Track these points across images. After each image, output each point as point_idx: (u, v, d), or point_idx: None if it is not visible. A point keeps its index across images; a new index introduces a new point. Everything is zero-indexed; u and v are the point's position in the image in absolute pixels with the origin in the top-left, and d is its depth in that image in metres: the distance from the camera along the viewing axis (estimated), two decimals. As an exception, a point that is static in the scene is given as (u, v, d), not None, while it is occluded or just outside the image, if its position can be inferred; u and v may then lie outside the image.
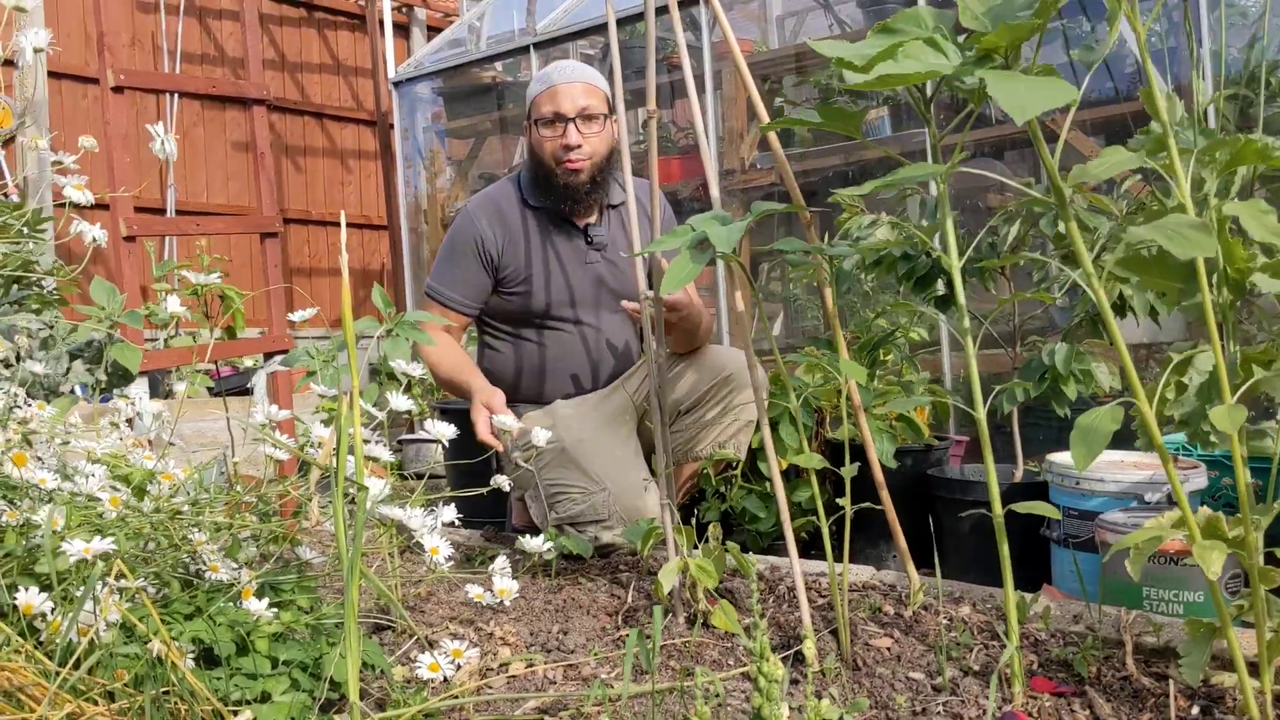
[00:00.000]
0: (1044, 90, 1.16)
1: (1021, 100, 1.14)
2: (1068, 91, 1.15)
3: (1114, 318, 2.30)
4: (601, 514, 2.39)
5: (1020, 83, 1.18)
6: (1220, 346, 1.29)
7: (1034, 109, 1.13)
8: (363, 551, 1.50)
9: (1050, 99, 1.15)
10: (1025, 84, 1.18)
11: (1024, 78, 1.20)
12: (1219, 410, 1.23)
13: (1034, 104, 1.13)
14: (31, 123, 5.28)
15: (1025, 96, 1.14)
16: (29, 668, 1.16)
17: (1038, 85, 1.17)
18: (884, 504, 1.88)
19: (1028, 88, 1.16)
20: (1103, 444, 1.27)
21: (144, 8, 6.56)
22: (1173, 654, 1.59)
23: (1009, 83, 1.18)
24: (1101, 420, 1.26)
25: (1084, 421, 1.29)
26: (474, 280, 2.64)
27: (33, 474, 1.40)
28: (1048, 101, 1.15)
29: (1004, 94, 1.16)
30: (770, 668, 1.07)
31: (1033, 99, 1.14)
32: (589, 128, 2.54)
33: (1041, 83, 1.18)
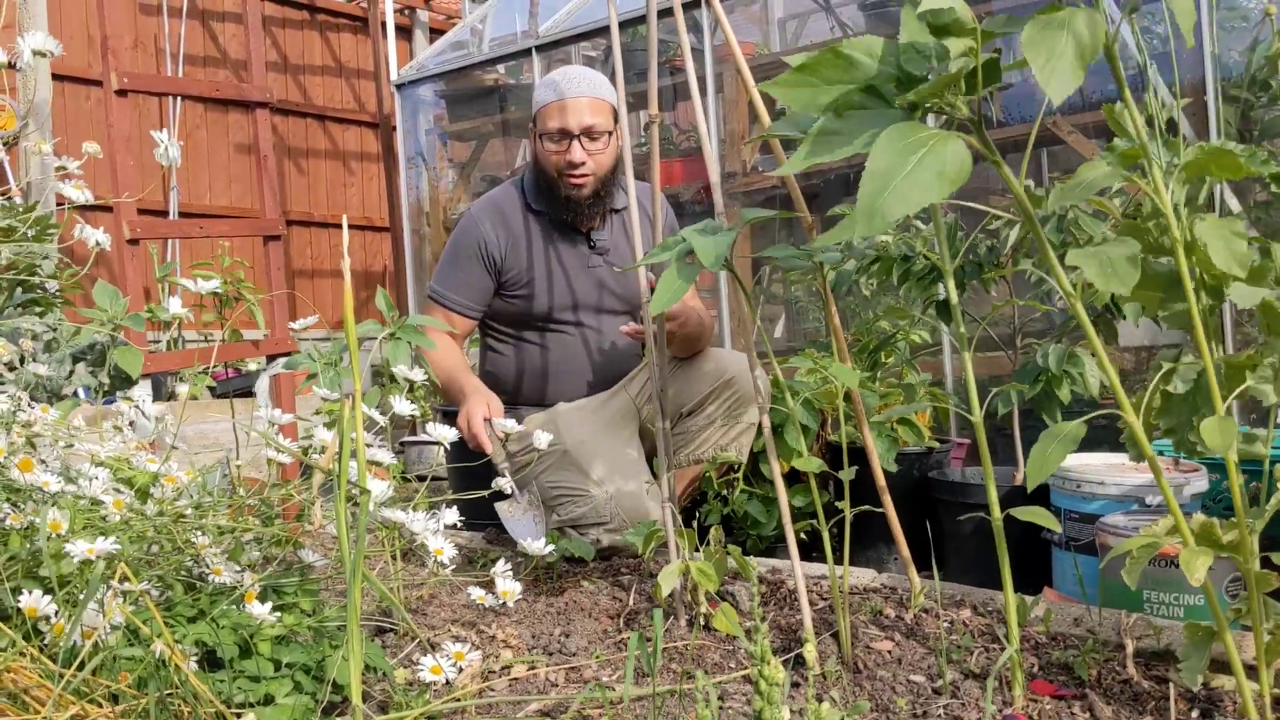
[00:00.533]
0: (917, 182, 1.11)
1: (879, 203, 1.11)
2: (947, 177, 1.11)
3: (1111, 321, 2.32)
4: (603, 516, 2.40)
5: (896, 167, 1.13)
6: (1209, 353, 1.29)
7: (882, 220, 1.11)
8: (365, 554, 1.50)
9: (920, 197, 1.11)
10: (902, 171, 1.12)
11: (908, 152, 1.13)
12: (1209, 423, 1.23)
13: (890, 207, 1.11)
14: (35, 125, 5.30)
15: (885, 197, 1.11)
16: (33, 670, 1.16)
17: (917, 173, 1.12)
18: (885, 507, 1.89)
19: (905, 176, 1.12)
20: (1053, 467, 1.27)
21: (147, 10, 6.57)
22: (1173, 657, 1.60)
23: (885, 161, 1.13)
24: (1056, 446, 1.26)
25: (1048, 434, 1.29)
26: (477, 284, 2.64)
27: (36, 477, 1.40)
28: (915, 203, 1.11)
29: (867, 189, 1.12)
30: (771, 671, 1.08)
31: (894, 200, 1.11)
32: (593, 145, 2.54)
33: (925, 167, 1.12)
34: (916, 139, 1.14)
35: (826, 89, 1.27)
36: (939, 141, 1.13)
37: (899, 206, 1.11)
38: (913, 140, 1.13)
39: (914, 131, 1.15)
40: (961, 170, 1.12)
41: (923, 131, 1.15)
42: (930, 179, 1.11)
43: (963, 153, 1.13)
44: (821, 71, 1.27)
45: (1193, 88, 3.14)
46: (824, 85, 1.27)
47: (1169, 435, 1.48)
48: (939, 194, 1.11)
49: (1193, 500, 2.16)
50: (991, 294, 2.72)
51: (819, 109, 1.27)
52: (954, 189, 1.12)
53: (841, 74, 1.26)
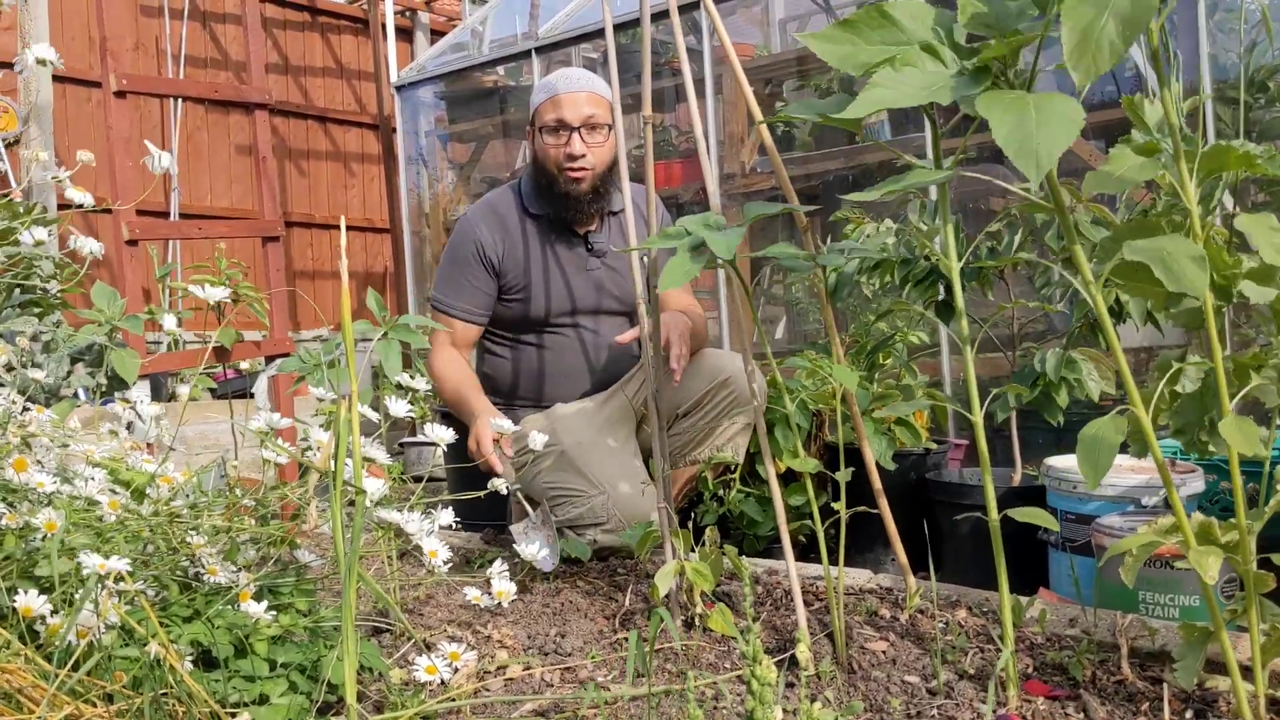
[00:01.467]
0: (1055, 126, 1.08)
1: (1034, 145, 1.07)
2: (1075, 121, 1.09)
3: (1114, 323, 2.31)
4: (600, 517, 2.40)
5: (1028, 115, 1.10)
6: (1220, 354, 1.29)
7: (1048, 158, 1.07)
8: (361, 555, 1.51)
9: (1065, 135, 1.08)
10: (1035, 118, 1.09)
11: (1030, 105, 1.11)
12: (1228, 423, 1.23)
13: (1048, 149, 1.07)
14: (36, 127, 5.30)
15: (1038, 139, 1.07)
16: (28, 670, 1.17)
17: (1048, 119, 1.09)
18: (880, 508, 1.89)
19: (1038, 123, 1.09)
20: (1111, 457, 1.24)
21: (147, 12, 6.58)
22: (1168, 658, 1.60)
23: (1013, 114, 1.10)
24: (1105, 432, 1.25)
25: (1088, 433, 1.27)
26: (480, 288, 2.64)
27: (32, 477, 1.40)
28: (1063, 140, 1.08)
29: (1011, 137, 1.09)
30: (763, 671, 1.08)
31: (1047, 141, 1.07)
32: (593, 138, 2.55)
33: (1052, 114, 1.10)
34: (1017, 98, 1.13)
35: (865, 47, 1.28)
36: (1043, 99, 1.14)
37: (1054, 148, 1.09)
38: (1016, 99, 1.13)
39: (1008, 95, 1.14)
40: (1080, 118, 1.11)
41: (1015, 94, 1.15)
42: (1062, 125, 1.10)
43: (1076, 106, 1.13)
44: (863, 29, 1.28)
45: (1189, 89, 3.15)
46: (864, 44, 1.28)
47: (1178, 435, 1.48)
48: (1074, 134, 1.09)
49: (1189, 501, 2.16)
50: (991, 296, 2.72)
51: (856, 66, 1.28)
52: (1078, 133, 1.10)
53: (883, 34, 1.27)
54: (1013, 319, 2.77)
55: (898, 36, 1.28)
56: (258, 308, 4.02)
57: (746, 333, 1.93)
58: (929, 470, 2.81)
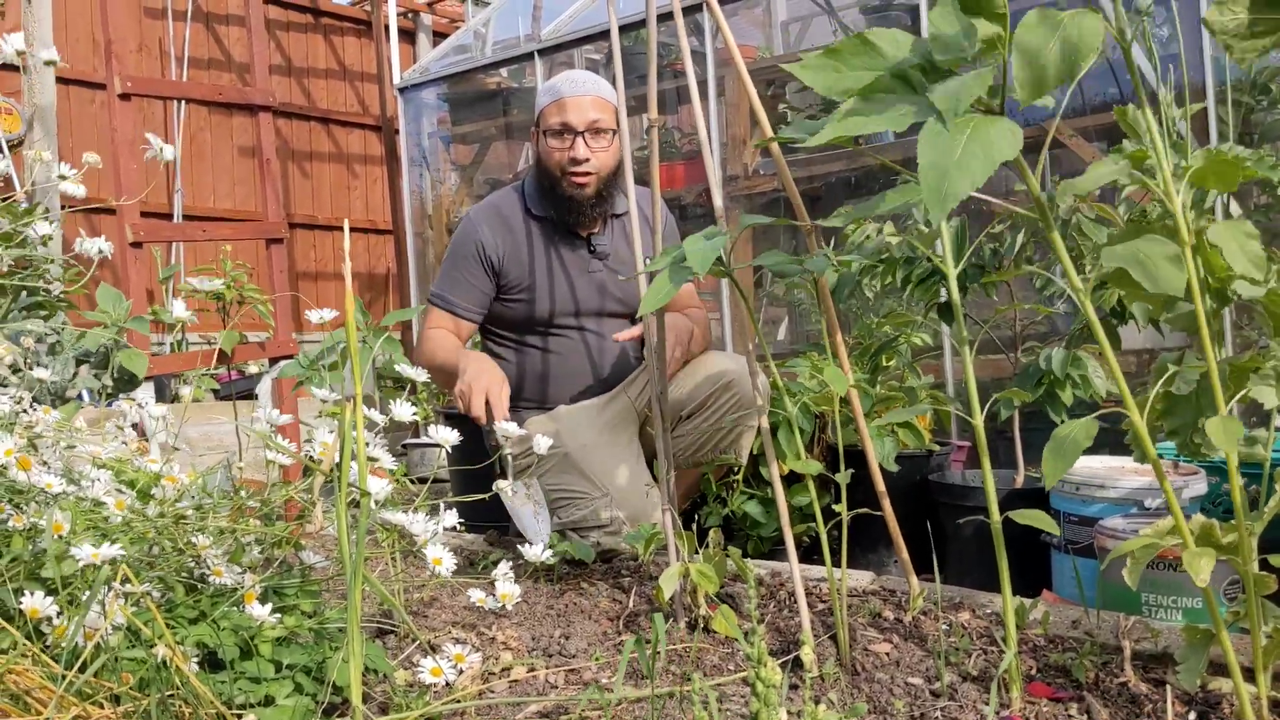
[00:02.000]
0: (972, 163, 1.09)
1: (943, 186, 1.09)
2: (995, 158, 1.09)
3: (1114, 325, 2.32)
4: (604, 519, 2.40)
5: (951, 152, 1.11)
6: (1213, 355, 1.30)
7: (952, 200, 1.08)
8: (366, 556, 1.51)
9: (982, 171, 1.09)
10: (955, 157, 1.10)
11: (956, 142, 1.11)
12: (1214, 423, 1.24)
13: (955, 188, 1.09)
14: (40, 128, 5.31)
15: (949, 181, 1.09)
16: (35, 671, 1.17)
17: (968, 158, 1.09)
18: (884, 509, 1.89)
19: (957, 162, 1.09)
20: (1074, 458, 1.27)
21: (151, 14, 6.59)
22: (1171, 660, 1.60)
23: (934, 151, 1.11)
24: (1075, 433, 1.27)
25: (1060, 433, 1.29)
26: (477, 285, 2.65)
27: (39, 478, 1.41)
28: (979, 176, 1.09)
29: (927, 175, 1.10)
30: (768, 673, 1.08)
31: (956, 179, 1.09)
32: (597, 142, 2.55)
33: (973, 153, 1.10)
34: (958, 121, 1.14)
35: (850, 73, 1.29)
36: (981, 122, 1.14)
37: (964, 185, 1.10)
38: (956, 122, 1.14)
39: (934, 128, 1.15)
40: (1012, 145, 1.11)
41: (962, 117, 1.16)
42: (982, 155, 1.11)
43: (1011, 128, 1.13)
44: (846, 57, 1.30)
45: (1193, 91, 3.15)
46: (847, 70, 1.29)
47: (1173, 437, 1.48)
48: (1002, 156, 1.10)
49: (1191, 503, 2.16)
50: (994, 298, 2.72)
51: (841, 93, 1.29)
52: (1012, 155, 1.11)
53: (865, 60, 1.28)
54: (1015, 320, 2.78)
55: (878, 63, 1.29)
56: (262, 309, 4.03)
57: (749, 335, 1.93)
58: (932, 472, 2.82)
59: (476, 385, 2.35)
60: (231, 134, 6.93)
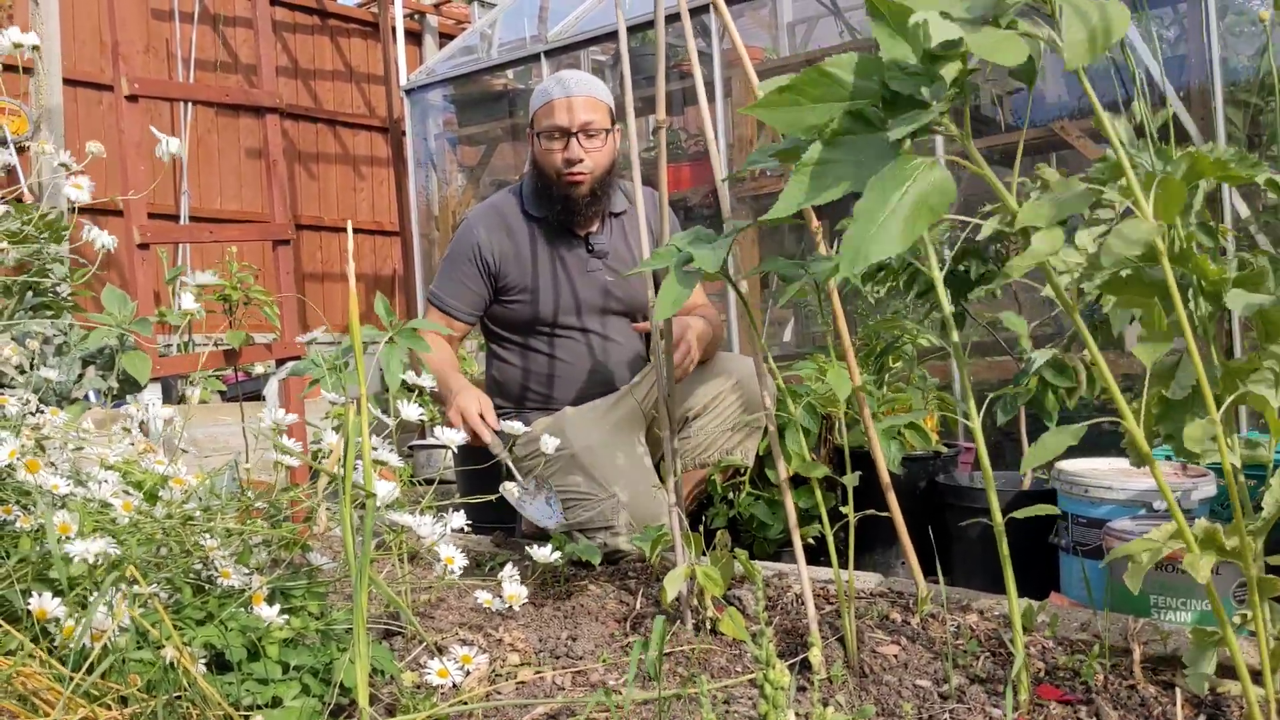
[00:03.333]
0: (890, 227, 1.11)
1: (858, 245, 1.11)
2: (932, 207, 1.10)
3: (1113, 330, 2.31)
4: (610, 520, 2.40)
5: (875, 216, 1.12)
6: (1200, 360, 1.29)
7: (864, 259, 1.10)
8: (372, 558, 1.51)
9: (901, 239, 1.10)
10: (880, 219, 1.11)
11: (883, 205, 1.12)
12: (1191, 426, 1.24)
13: (868, 252, 1.11)
14: (47, 130, 5.32)
15: (865, 239, 1.11)
16: (43, 672, 1.17)
17: (889, 220, 1.11)
18: (891, 511, 1.89)
19: (880, 224, 1.11)
20: (1052, 455, 1.28)
21: (159, 15, 6.60)
22: (1179, 662, 1.59)
23: (862, 217, 1.12)
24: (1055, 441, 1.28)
25: (1044, 439, 1.31)
26: (472, 288, 2.66)
27: (46, 479, 1.41)
28: (897, 244, 1.10)
29: (849, 240, 1.12)
30: (776, 675, 1.08)
31: (873, 243, 1.11)
32: (591, 143, 2.56)
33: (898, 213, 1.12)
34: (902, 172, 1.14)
35: (812, 108, 1.22)
36: (924, 170, 1.13)
37: (879, 248, 1.11)
38: (898, 174, 1.13)
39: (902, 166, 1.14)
40: (943, 200, 1.11)
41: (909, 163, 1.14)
42: (911, 214, 1.11)
43: (944, 183, 1.12)
44: (807, 91, 1.22)
45: (1200, 92, 3.14)
46: (810, 104, 1.22)
47: (1168, 441, 1.48)
48: (919, 230, 1.11)
49: (1200, 505, 2.15)
50: (999, 298, 2.72)
51: (804, 130, 1.23)
52: (935, 218, 1.11)
53: (827, 92, 1.22)
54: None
55: (839, 93, 1.23)
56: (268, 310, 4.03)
57: (755, 337, 1.93)
58: (939, 473, 2.81)
59: (454, 415, 2.41)
60: (238, 135, 6.94)
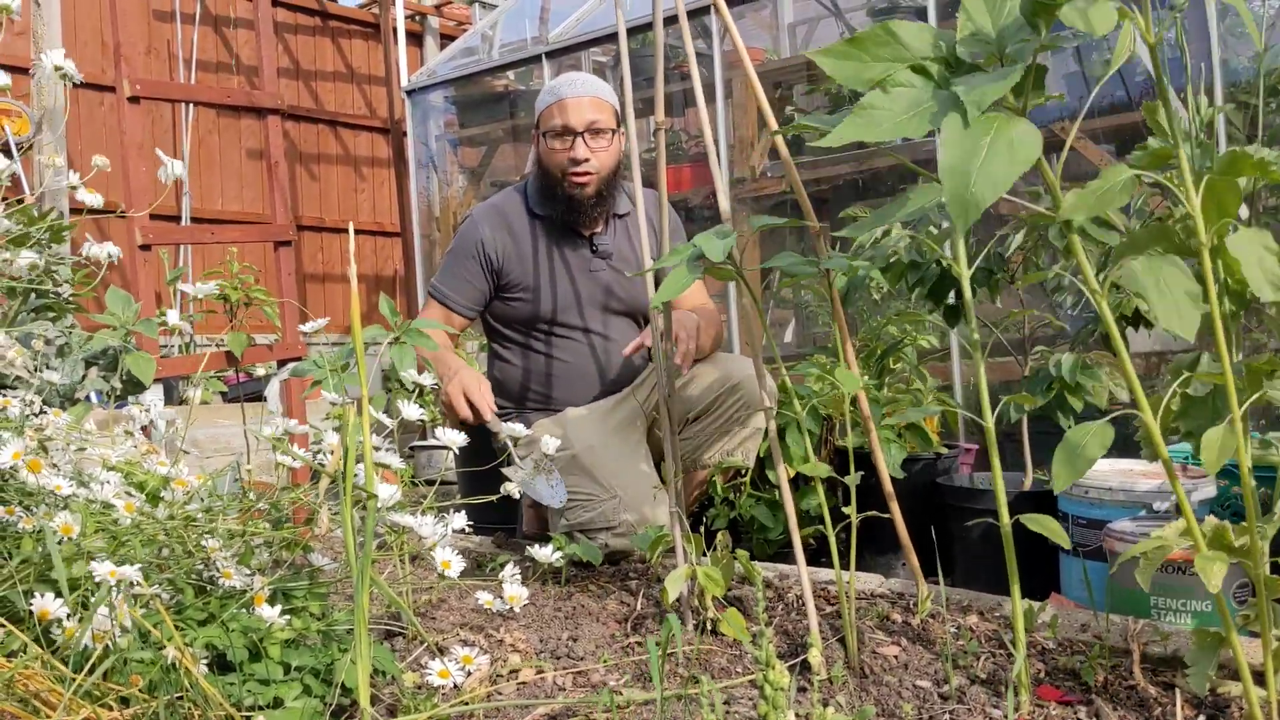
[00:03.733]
0: (996, 169, 1.13)
1: (966, 188, 1.12)
2: (1032, 147, 1.13)
3: (1127, 329, 2.31)
4: (611, 521, 2.40)
5: (976, 154, 1.13)
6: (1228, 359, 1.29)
7: (977, 208, 1.11)
8: (373, 558, 1.51)
9: (1006, 178, 1.12)
10: (982, 157, 1.13)
11: (982, 145, 1.14)
12: (1210, 434, 1.24)
13: (980, 197, 1.12)
14: (49, 131, 5.33)
15: (975, 185, 1.13)
16: (45, 673, 1.17)
17: (992, 160, 1.13)
18: (892, 512, 1.89)
19: (981, 166, 1.13)
20: (1087, 466, 1.27)
21: (160, 17, 6.61)
22: (1180, 663, 1.59)
23: (959, 151, 1.14)
24: (1089, 441, 1.26)
25: (1072, 438, 1.29)
26: (474, 283, 2.67)
27: (48, 480, 1.41)
28: (1002, 185, 1.12)
29: (950, 177, 1.14)
30: (776, 675, 1.08)
31: (983, 187, 1.12)
32: (597, 142, 2.56)
33: (996, 154, 1.14)
34: (982, 121, 1.15)
35: (873, 64, 1.29)
36: (1003, 123, 1.14)
37: (988, 192, 1.11)
38: (979, 124, 1.14)
39: (983, 116, 1.16)
40: (1034, 148, 1.12)
41: (989, 115, 1.16)
42: (1008, 158, 1.12)
43: (1031, 131, 1.14)
44: (870, 47, 1.29)
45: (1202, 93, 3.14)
46: (871, 61, 1.29)
47: (1189, 439, 1.48)
48: (1021, 169, 1.11)
49: (1200, 506, 2.15)
50: (998, 303, 2.72)
51: (864, 83, 1.29)
52: (1029, 165, 1.12)
53: (890, 50, 1.28)
54: (1024, 323, 2.77)
55: (901, 54, 1.29)
56: (270, 311, 4.03)
57: (756, 337, 1.93)
58: (940, 475, 2.81)
59: (454, 390, 2.41)
60: (240, 137, 6.94)
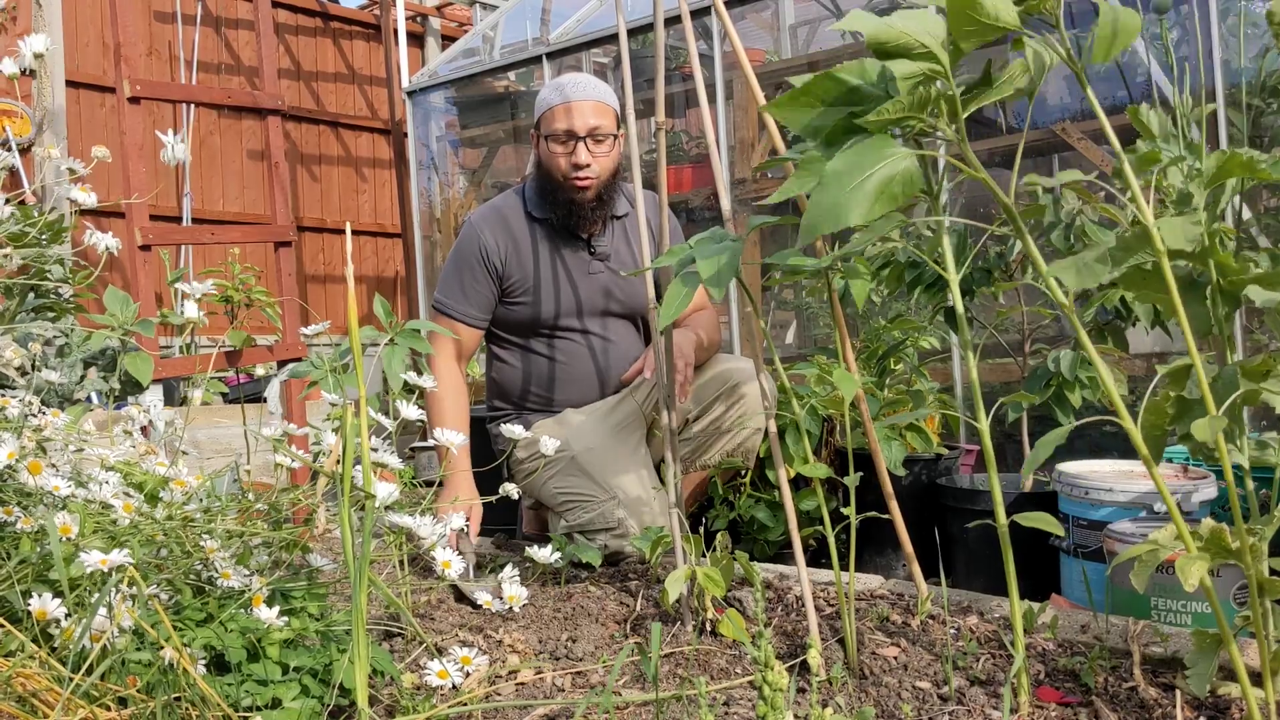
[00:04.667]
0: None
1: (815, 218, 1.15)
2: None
3: (1121, 327, 2.31)
4: (610, 522, 2.40)
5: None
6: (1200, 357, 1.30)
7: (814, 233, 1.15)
8: (371, 559, 1.51)
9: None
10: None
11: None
12: (1200, 422, 1.24)
13: (822, 225, 1.15)
14: (50, 131, 5.33)
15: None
16: (43, 674, 1.17)
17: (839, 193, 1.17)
18: (892, 513, 1.89)
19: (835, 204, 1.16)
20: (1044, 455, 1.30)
21: (161, 18, 6.61)
22: (1180, 664, 1.59)
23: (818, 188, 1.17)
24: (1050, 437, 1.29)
25: (1045, 439, 1.32)
26: (482, 290, 2.64)
27: (46, 481, 1.41)
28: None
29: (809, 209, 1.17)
30: (774, 676, 1.08)
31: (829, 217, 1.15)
32: (598, 147, 2.56)
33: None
34: (874, 154, 1.17)
35: (822, 110, 1.29)
36: (895, 159, 1.17)
37: (834, 220, 1.16)
38: (871, 155, 1.17)
39: (877, 148, 1.18)
40: (907, 189, 1.16)
41: (885, 148, 1.18)
42: (876, 192, 1.15)
43: (910, 172, 1.17)
44: (817, 93, 1.30)
45: (1203, 94, 3.14)
46: (821, 107, 1.30)
47: (1185, 440, 1.48)
48: (880, 210, 1.15)
49: (1201, 507, 2.15)
50: (1000, 301, 2.72)
51: (812, 131, 1.30)
52: (895, 204, 1.15)
53: (836, 96, 1.28)
54: (1023, 323, 2.77)
55: (849, 98, 1.30)
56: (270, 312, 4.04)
57: (756, 338, 1.93)
58: (940, 475, 2.81)
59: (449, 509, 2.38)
60: (241, 137, 6.95)
